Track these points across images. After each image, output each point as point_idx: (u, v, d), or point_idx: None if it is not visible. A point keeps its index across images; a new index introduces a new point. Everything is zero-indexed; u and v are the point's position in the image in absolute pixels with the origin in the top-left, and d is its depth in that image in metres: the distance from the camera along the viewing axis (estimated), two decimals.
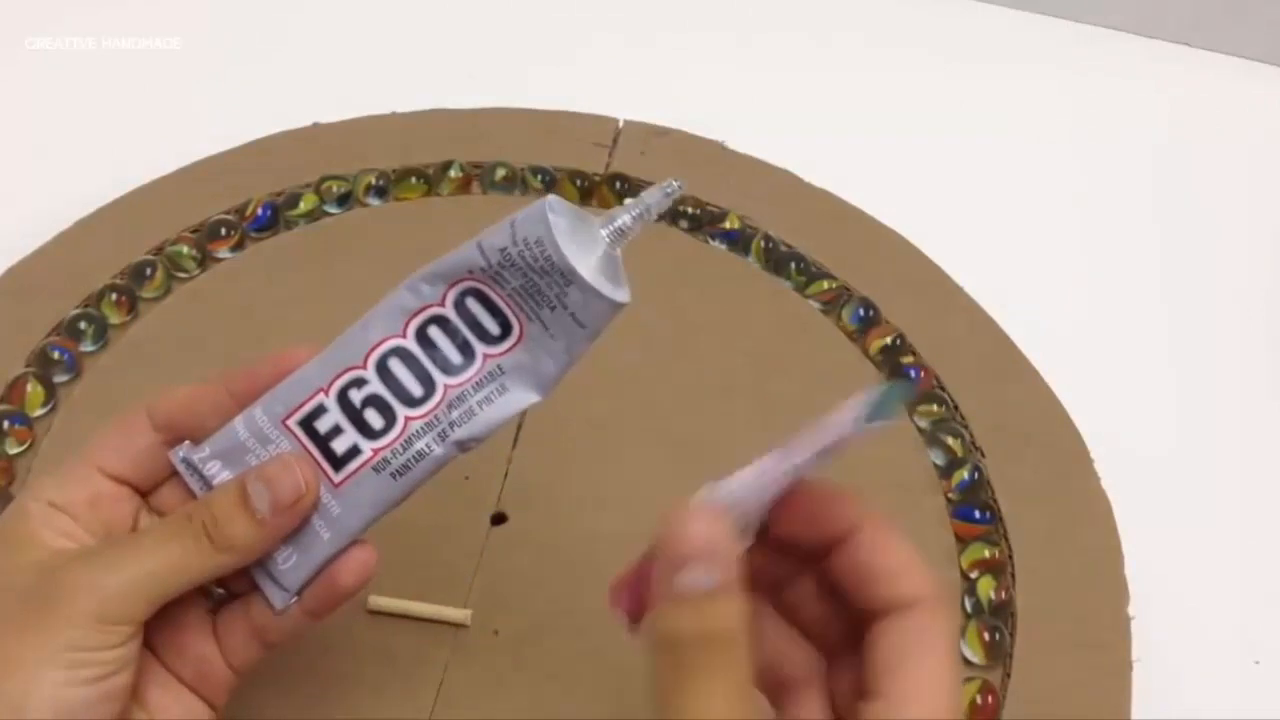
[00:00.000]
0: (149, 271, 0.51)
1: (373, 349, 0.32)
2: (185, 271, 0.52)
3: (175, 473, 0.33)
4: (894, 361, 0.50)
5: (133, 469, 0.33)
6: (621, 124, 0.59)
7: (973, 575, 0.43)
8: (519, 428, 0.46)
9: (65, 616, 0.29)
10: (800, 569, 0.30)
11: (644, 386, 0.48)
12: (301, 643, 0.38)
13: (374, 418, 0.32)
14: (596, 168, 0.57)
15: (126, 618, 0.30)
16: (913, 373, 0.49)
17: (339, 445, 0.32)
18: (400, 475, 0.32)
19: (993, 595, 0.42)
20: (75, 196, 0.53)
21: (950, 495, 0.46)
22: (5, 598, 0.30)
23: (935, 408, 0.48)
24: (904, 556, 0.28)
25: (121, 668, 0.30)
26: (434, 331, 0.32)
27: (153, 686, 0.32)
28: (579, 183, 0.56)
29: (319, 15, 0.68)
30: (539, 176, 0.56)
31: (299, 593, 0.33)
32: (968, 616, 0.42)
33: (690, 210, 0.55)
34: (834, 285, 0.52)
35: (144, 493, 0.34)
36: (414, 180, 0.56)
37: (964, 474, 0.46)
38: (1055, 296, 0.55)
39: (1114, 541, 0.44)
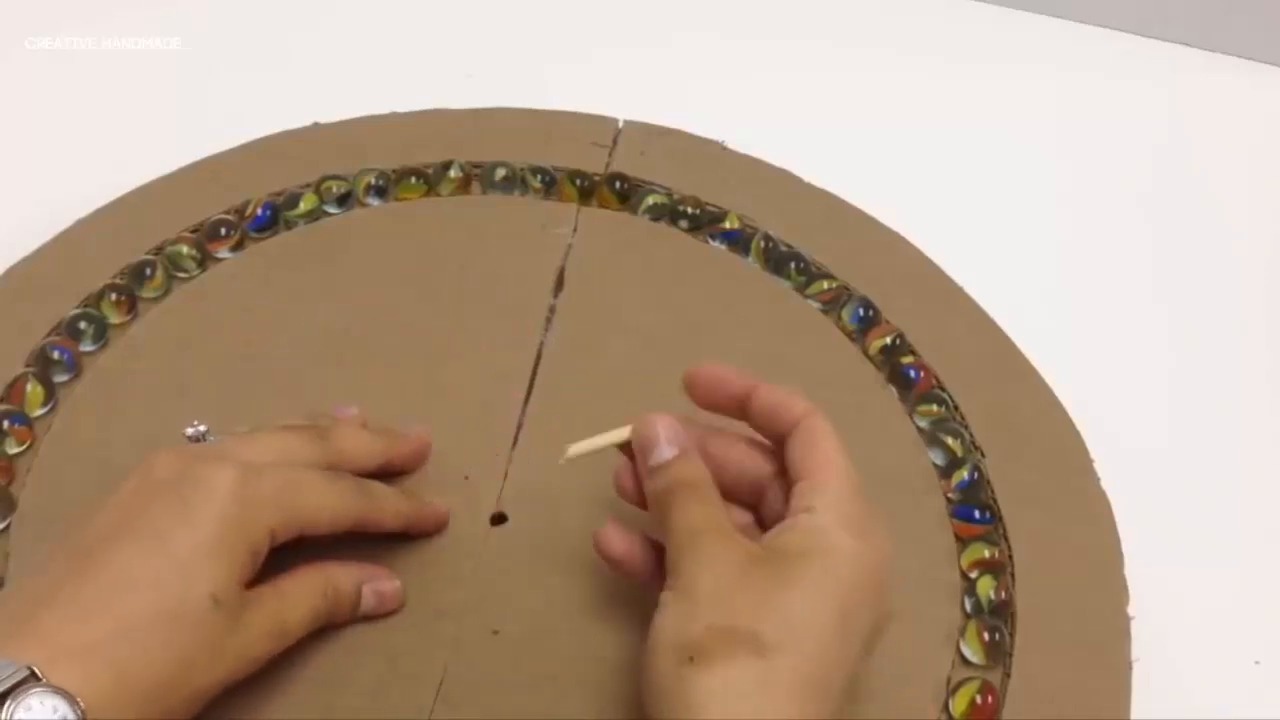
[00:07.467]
0: (149, 271, 0.51)
1: None
2: (185, 271, 0.52)
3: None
4: (894, 361, 0.50)
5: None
6: (621, 124, 0.59)
7: (973, 575, 0.43)
8: (519, 428, 0.46)
9: (235, 657, 0.35)
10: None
11: (644, 386, 0.48)
12: (301, 642, 0.38)
13: None
14: (596, 168, 0.57)
15: (260, 658, 0.36)
16: (912, 373, 0.49)
17: None
18: None
19: (992, 595, 0.42)
20: (75, 196, 0.53)
21: (950, 495, 0.46)
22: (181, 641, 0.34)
23: (935, 408, 0.48)
24: (786, 393, 0.37)
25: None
26: None
27: None
28: (579, 183, 0.56)
29: (319, 15, 0.68)
30: (539, 176, 0.56)
31: None
32: (968, 616, 0.42)
33: (690, 210, 0.55)
34: (834, 285, 0.52)
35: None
36: (414, 180, 0.56)
37: (964, 474, 0.46)
38: (1055, 296, 0.55)
39: (1114, 541, 0.44)
